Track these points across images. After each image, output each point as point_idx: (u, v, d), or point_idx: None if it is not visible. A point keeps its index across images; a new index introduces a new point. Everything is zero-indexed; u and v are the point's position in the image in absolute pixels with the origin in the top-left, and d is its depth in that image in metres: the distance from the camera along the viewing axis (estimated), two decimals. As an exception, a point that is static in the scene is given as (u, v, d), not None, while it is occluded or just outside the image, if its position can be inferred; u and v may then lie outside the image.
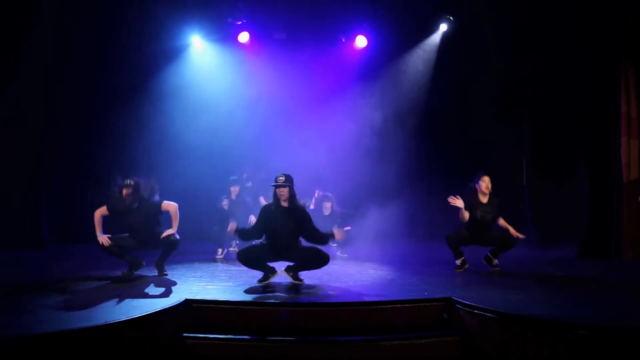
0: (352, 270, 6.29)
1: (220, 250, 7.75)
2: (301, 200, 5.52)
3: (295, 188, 5.37)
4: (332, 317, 4.41)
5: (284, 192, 5.24)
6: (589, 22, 7.47)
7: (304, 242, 5.49)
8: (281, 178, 5.25)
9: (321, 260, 5.32)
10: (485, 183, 6.25)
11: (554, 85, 8.42)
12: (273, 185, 5.31)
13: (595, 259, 7.17)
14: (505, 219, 6.36)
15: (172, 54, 9.48)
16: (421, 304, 4.51)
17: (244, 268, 5.59)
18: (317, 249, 5.38)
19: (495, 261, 6.33)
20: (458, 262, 6.28)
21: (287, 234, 5.30)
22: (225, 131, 9.36)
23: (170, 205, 5.84)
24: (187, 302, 4.41)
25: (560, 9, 7.82)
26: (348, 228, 7.47)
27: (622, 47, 7.40)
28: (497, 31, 8.86)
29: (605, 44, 7.39)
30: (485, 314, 4.05)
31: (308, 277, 5.68)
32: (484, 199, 6.27)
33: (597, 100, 7.52)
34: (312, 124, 9.25)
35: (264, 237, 5.49)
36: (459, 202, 6.04)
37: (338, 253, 7.64)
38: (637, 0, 7.20)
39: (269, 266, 5.40)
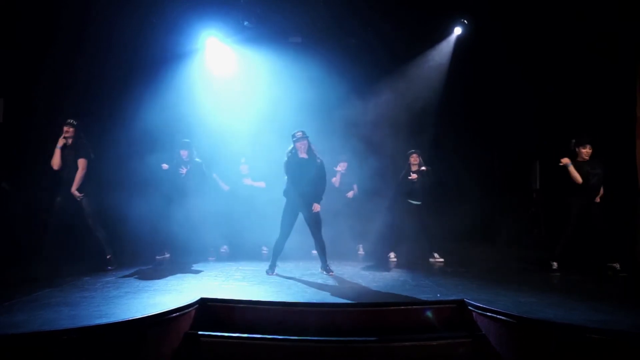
0: (366, 272, 6.33)
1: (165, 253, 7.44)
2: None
3: None
4: (346, 318, 4.46)
5: (303, 144, 5.62)
6: (603, 25, 7.42)
7: None
8: (299, 133, 5.65)
9: (319, 225, 5.90)
10: (586, 150, 6.31)
11: (564, 89, 8.38)
12: (293, 140, 5.67)
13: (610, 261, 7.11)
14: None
15: (187, 56, 9.49)
16: (434, 306, 4.54)
17: (259, 268, 5.66)
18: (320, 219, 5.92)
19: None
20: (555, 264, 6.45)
21: (309, 180, 5.70)
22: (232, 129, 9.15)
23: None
24: (203, 301, 4.49)
25: (571, 10, 7.77)
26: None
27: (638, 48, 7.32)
28: (507, 35, 8.85)
29: (622, 46, 7.32)
30: (498, 316, 4.08)
31: (322, 277, 5.79)
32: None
33: (609, 103, 7.45)
34: (325, 127, 9.25)
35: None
36: (565, 160, 6.24)
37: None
38: None
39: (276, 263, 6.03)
